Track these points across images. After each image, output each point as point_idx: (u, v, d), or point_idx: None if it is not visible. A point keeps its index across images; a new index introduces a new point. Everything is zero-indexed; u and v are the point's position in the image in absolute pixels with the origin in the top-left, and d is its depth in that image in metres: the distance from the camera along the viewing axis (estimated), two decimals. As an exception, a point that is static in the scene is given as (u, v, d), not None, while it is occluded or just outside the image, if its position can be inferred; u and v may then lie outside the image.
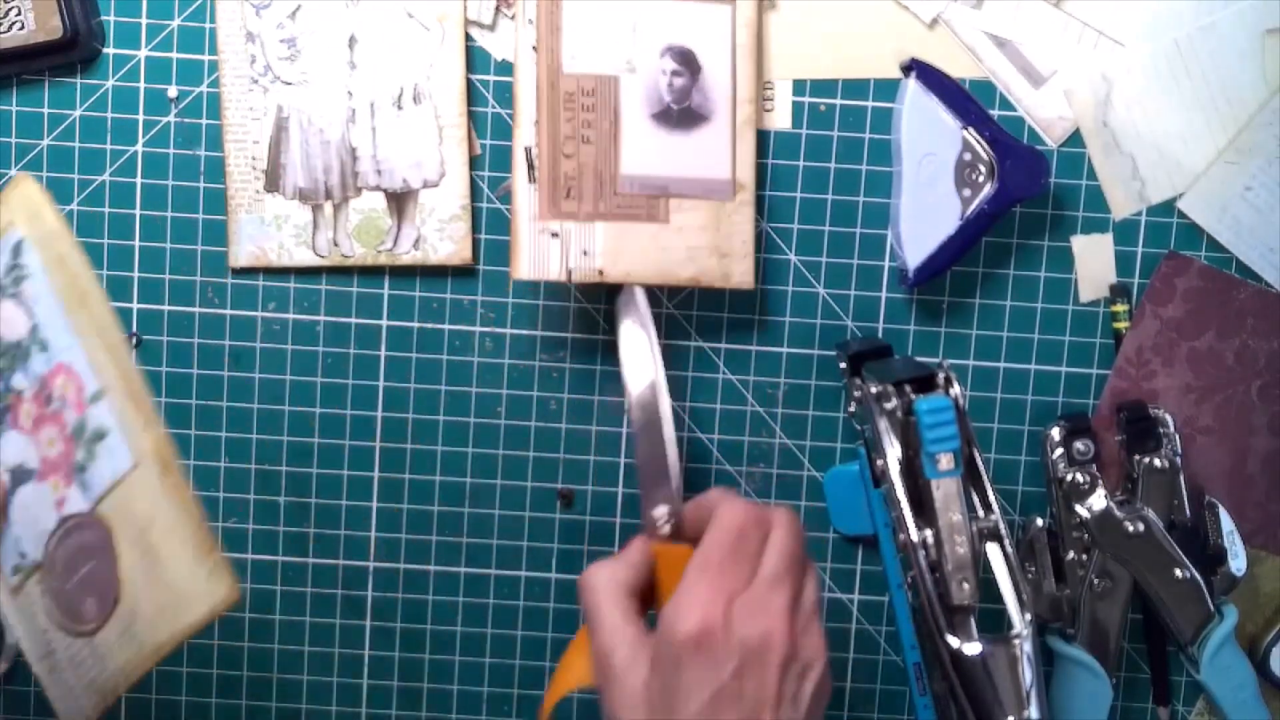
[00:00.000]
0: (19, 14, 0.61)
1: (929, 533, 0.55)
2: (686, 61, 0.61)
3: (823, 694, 0.50)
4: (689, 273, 0.62)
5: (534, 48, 0.59)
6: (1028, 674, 0.54)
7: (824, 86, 0.63)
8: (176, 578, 0.46)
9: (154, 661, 0.47)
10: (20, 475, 0.47)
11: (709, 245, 0.62)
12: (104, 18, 0.63)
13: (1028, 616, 0.55)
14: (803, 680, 0.49)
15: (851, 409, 0.64)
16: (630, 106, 0.61)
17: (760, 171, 0.63)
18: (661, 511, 0.56)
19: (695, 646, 0.48)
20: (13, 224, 0.45)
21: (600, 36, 0.60)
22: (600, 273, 0.61)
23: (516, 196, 0.60)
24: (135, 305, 0.64)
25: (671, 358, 0.65)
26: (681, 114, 0.61)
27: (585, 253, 0.61)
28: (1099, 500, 0.62)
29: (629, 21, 0.60)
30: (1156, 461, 0.62)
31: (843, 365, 0.63)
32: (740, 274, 0.63)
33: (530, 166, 0.60)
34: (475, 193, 0.64)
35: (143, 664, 0.47)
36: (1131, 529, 0.62)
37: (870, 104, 0.63)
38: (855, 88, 0.63)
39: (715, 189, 0.62)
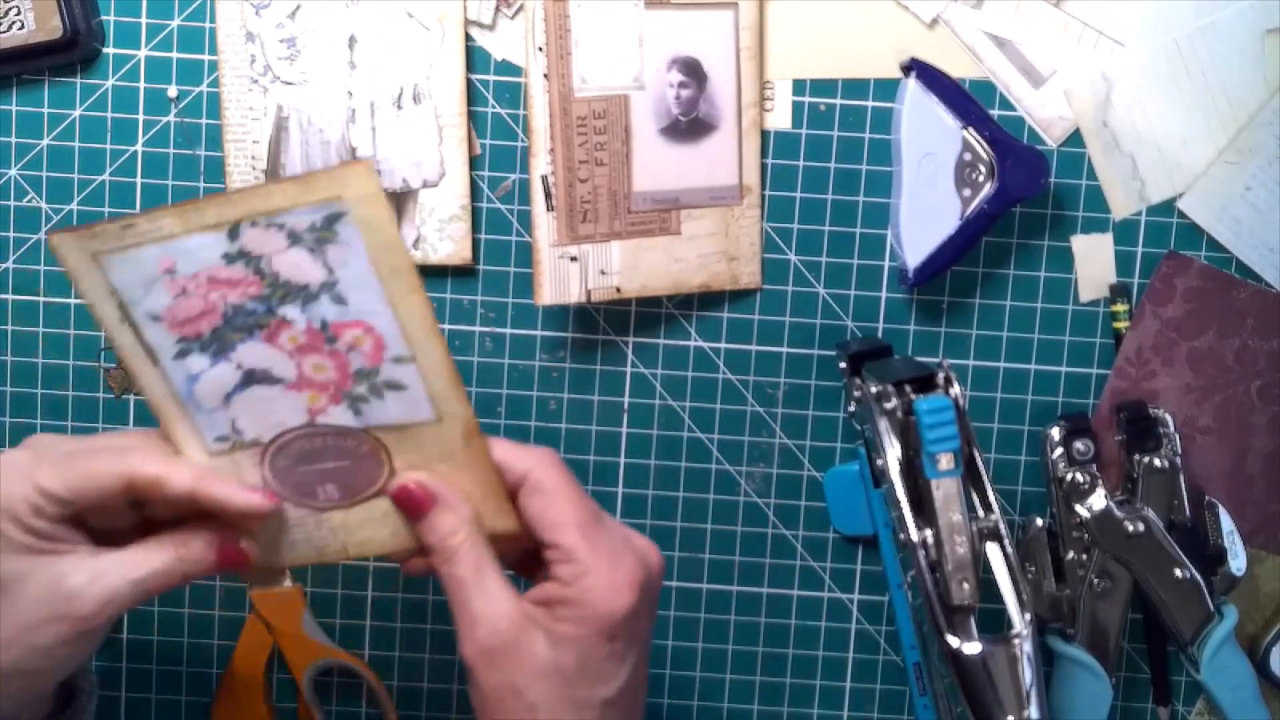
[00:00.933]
0: (19, 14, 0.61)
1: (929, 533, 0.55)
2: (692, 72, 0.61)
3: None
4: (700, 279, 0.63)
5: (545, 75, 0.59)
6: (1028, 674, 0.54)
7: (824, 86, 0.63)
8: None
9: (402, 550, 0.52)
10: (260, 377, 0.49)
11: (719, 251, 0.63)
12: (104, 18, 0.63)
13: (1028, 616, 0.55)
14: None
15: (851, 409, 0.64)
16: (640, 124, 0.61)
17: (761, 172, 0.63)
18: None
19: (631, 617, 0.49)
20: (340, 197, 0.46)
21: (608, 56, 0.60)
22: (618, 290, 0.61)
23: (535, 225, 0.61)
24: (135, 305, 0.64)
25: (671, 358, 0.65)
26: (689, 125, 0.61)
27: (603, 272, 0.61)
28: (1099, 500, 0.62)
29: (635, 36, 0.60)
30: (1156, 461, 0.63)
31: (843, 365, 0.63)
32: (748, 276, 0.63)
33: (548, 195, 0.60)
34: (475, 193, 0.64)
35: (384, 547, 0.52)
36: (1131, 529, 0.62)
37: (870, 104, 0.63)
38: (855, 88, 0.63)
39: (724, 195, 0.62)
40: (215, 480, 0.50)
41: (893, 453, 0.56)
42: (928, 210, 0.62)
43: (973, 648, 0.54)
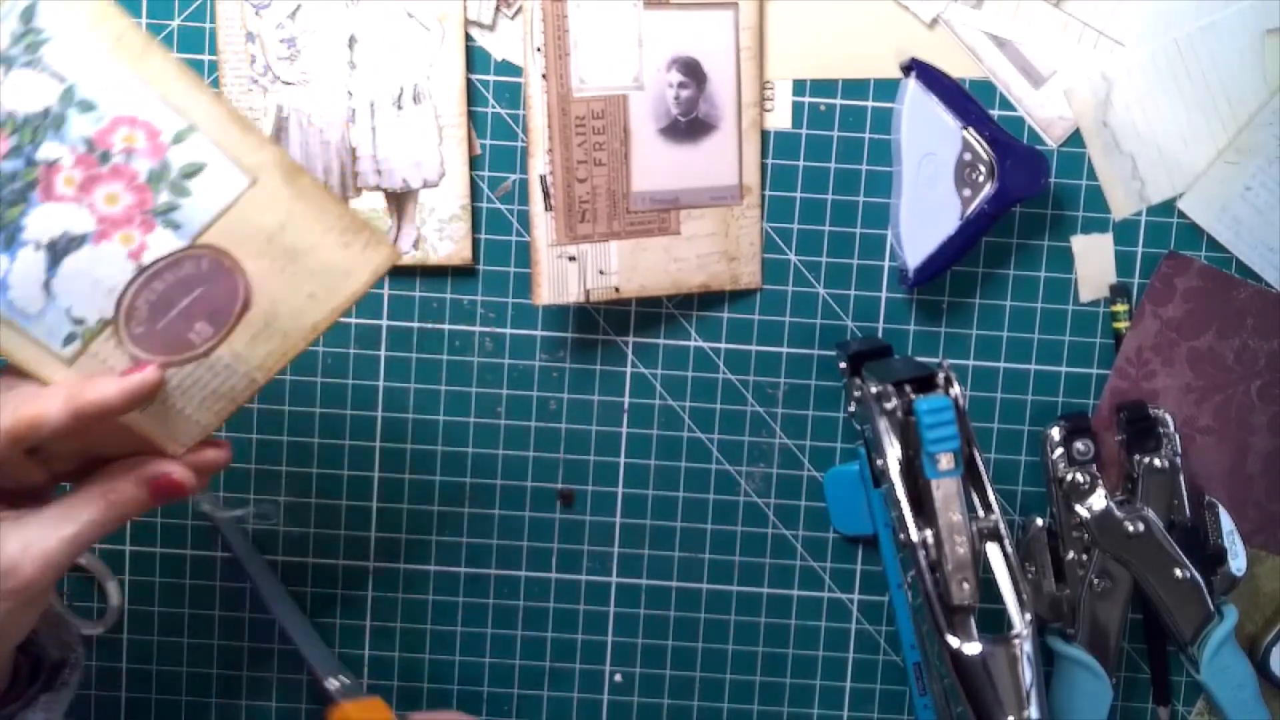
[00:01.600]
0: (19, 14, 0.61)
1: (929, 533, 0.55)
2: (692, 72, 0.61)
3: None
4: (700, 280, 0.63)
5: (543, 75, 0.59)
6: (1028, 674, 0.54)
7: (824, 86, 0.63)
8: (328, 260, 0.48)
9: (307, 342, 0.49)
10: (64, 245, 0.46)
11: (719, 251, 0.63)
12: (104, 18, 0.63)
13: (1028, 616, 0.55)
14: None
15: (851, 409, 0.64)
16: (639, 124, 0.61)
17: (761, 172, 0.63)
18: (334, 683, 0.56)
19: None
20: None
21: (607, 56, 0.60)
22: (617, 290, 0.61)
23: (534, 225, 0.60)
24: (135, 305, 0.64)
25: (671, 358, 0.65)
26: (689, 125, 0.61)
27: (601, 272, 0.61)
28: (1099, 500, 0.62)
29: (634, 37, 0.60)
30: (1156, 461, 0.63)
31: (843, 365, 0.63)
32: (748, 276, 0.63)
33: (546, 194, 0.60)
34: (475, 193, 0.64)
35: (292, 348, 0.49)
36: (1131, 529, 0.62)
37: (870, 104, 0.63)
38: (855, 88, 0.63)
39: (724, 195, 0.62)
40: (87, 385, 0.46)
41: (893, 453, 0.56)
42: (928, 210, 0.62)
43: (973, 648, 0.54)
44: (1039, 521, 0.63)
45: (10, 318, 0.46)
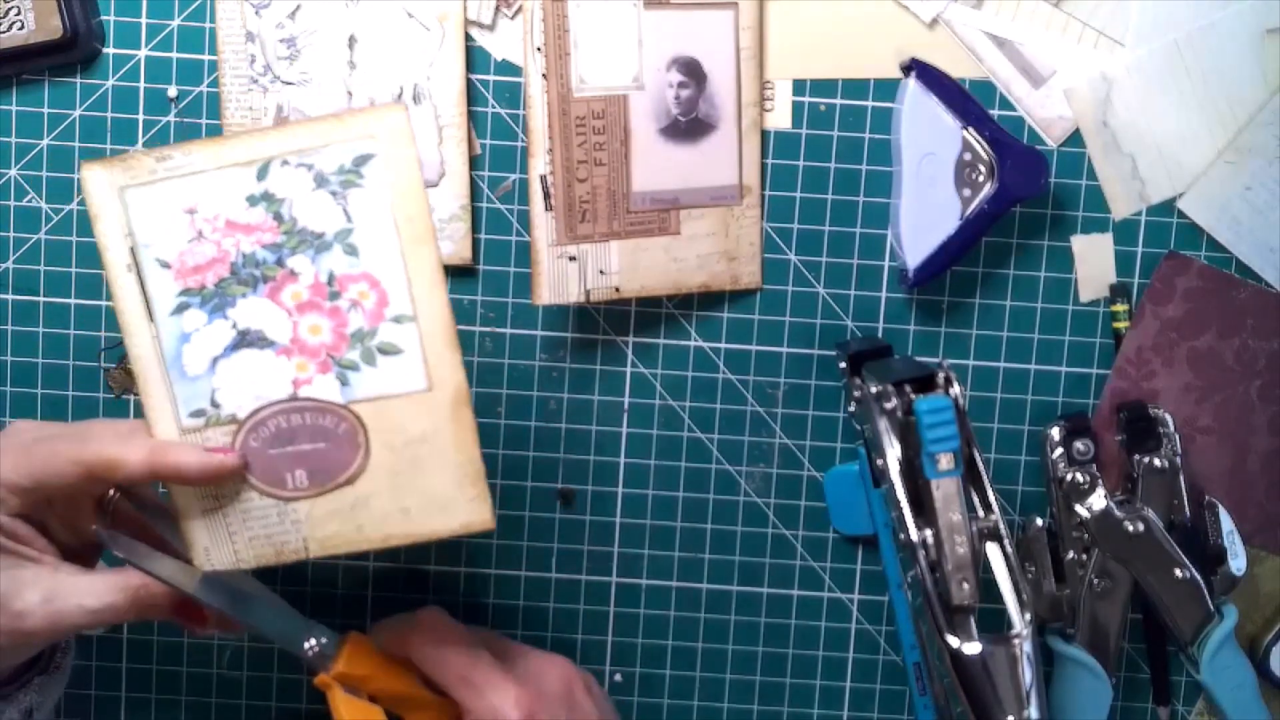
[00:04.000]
0: (19, 14, 0.61)
1: (929, 533, 0.55)
2: (692, 72, 0.61)
3: None
4: (700, 280, 0.63)
5: (544, 75, 0.59)
6: (1028, 674, 0.54)
7: (824, 86, 0.63)
8: (436, 489, 0.50)
9: (371, 545, 0.50)
10: (252, 339, 0.49)
11: (719, 251, 0.63)
12: (104, 18, 0.63)
13: (1028, 616, 0.55)
14: None
15: (851, 409, 0.64)
16: (639, 124, 0.61)
17: (761, 172, 0.63)
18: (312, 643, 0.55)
19: None
20: (372, 137, 0.47)
21: (607, 56, 0.60)
22: (617, 290, 0.61)
23: (534, 225, 0.60)
24: (135, 305, 0.64)
25: (671, 358, 0.65)
26: (689, 125, 0.61)
27: (602, 272, 0.61)
28: (1099, 500, 0.62)
29: (634, 37, 0.60)
30: (1156, 461, 0.63)
31: (843, 365, 0.63)
32: (749, 276, 0.63)
33: (546, 194, 0.60)
34: (475, 193, 0.64)
35: (357, 543, 0.50)
36: (1131, 529, 0.62)
37: (870, 104, 0.63)
38: (855, 88, 0.63)
39: (724, 195, 0.62)
40: (173, 448, 0.48)
41: (893, 453, 0.56)
42: (928, 210, 0.62)
43: (973, 648, 0.54)
44: (1039, 521, 0.63)
45: (170, 367, 0.49)
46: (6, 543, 0.49)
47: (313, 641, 0.54)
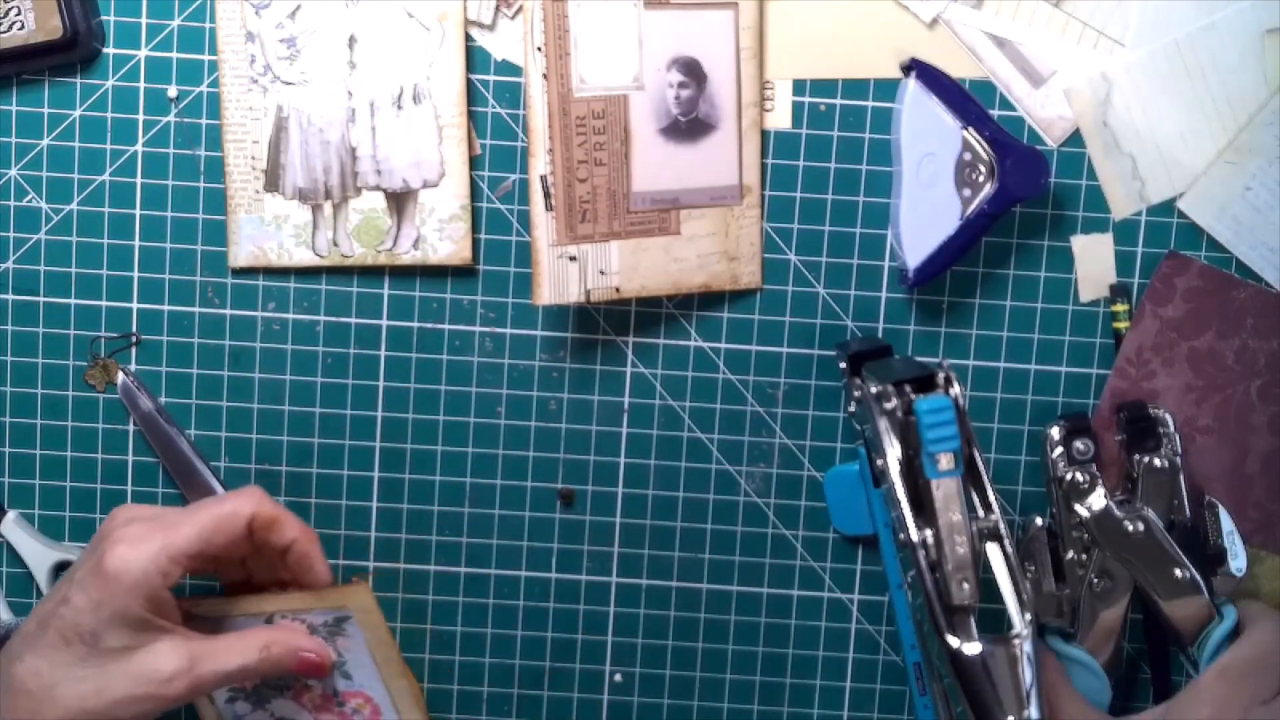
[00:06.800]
0: (19, 14, 0.61)
1: (929, 533, 0.55)
2: (692, 72, 0.61)
3: None
4: (700, 280, 0.63)
5: (544, 75, 0.59)
6: (1028, 674, 0.54)
7: (824, 86, 0.63)
8: None
9: None
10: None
11: (719, 251, 0.63)
12: (104, 18, 0.63)
13: (1028, 616, 0.55)
14: None
15: (851, 409, 0.64)
16: (639, 124, 0.61)
17: (761, 172, 0.63)
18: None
19: None
20: (344, 607, 0.60)
21: (607, 56, 0.60)
22: (617, 290, 0.61)
23: (534, 225, 0.60)
24: (135, 305, 0.64)
25: (671, 358, 0.65)
26: (689, 125, 0.61)
27: (602, 272, 0.61)
28: (1099, 500, 0.62)
29: (635, 37, 0.60)
30: (1156, 461, 0.63)
31: (843, 365, 0.63)
32: (749, 276, 0.63)
33: (546, 195, 0.60)
34: (475, 193, 0.64)
35: None
36: (1131, 529, 0.62)
37: (870, 104, 0.63)
38: (855, 88, 0.63)
39: (724, 195, 0.62)
40: (286, 633, 0.58)
41: (893, 453, 0.56)
42: (928, 210, 0.62)
43: (973, 648, 0.54)
44: (1039, 521, 0.63)
45: None
46: (153, 618, 0.52)
47: None
